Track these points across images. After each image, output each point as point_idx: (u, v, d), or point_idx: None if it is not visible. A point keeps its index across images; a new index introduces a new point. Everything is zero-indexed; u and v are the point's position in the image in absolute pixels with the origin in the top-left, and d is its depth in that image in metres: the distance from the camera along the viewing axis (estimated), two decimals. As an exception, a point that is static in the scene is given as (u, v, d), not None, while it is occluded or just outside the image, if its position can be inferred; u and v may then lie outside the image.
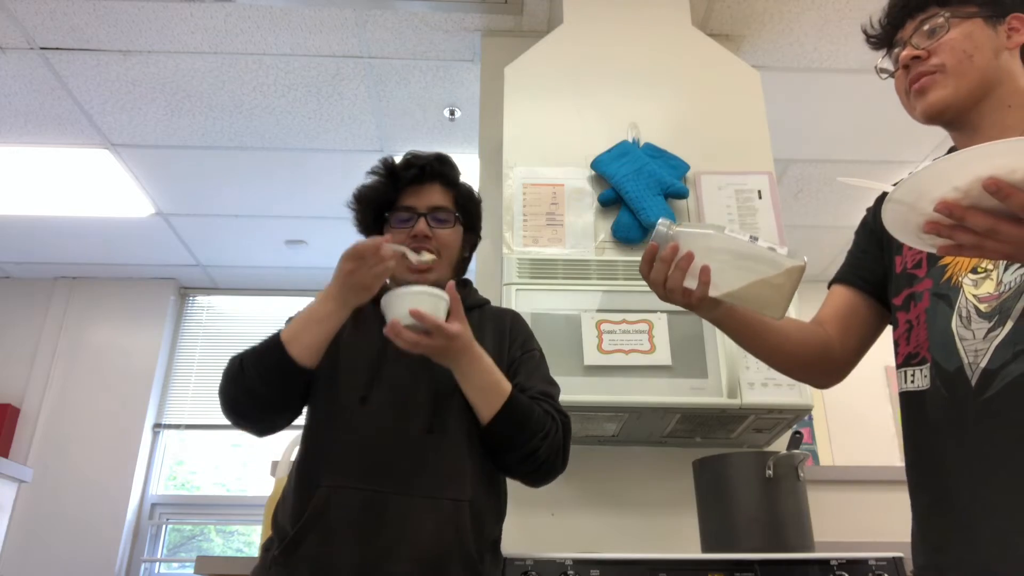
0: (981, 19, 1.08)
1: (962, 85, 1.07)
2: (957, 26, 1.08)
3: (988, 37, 1.08)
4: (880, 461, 3.86)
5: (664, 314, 1.86)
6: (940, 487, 1.04)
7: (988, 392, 0.97)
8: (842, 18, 2.69)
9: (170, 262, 4.36)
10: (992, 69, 1.07)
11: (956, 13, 1.09)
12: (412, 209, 1.38)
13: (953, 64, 1.07)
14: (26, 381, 4.20)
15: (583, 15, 2.36)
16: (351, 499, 1.18)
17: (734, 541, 1.67)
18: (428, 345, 1.19)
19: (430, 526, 1.19)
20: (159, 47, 2.82)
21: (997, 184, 0.74)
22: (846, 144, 3.34)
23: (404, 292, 1.20)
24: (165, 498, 4.23)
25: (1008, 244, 0.78)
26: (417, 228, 1.36)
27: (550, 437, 1.25)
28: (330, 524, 1.17)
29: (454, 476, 1.24)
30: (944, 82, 1.08)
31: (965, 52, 1.07)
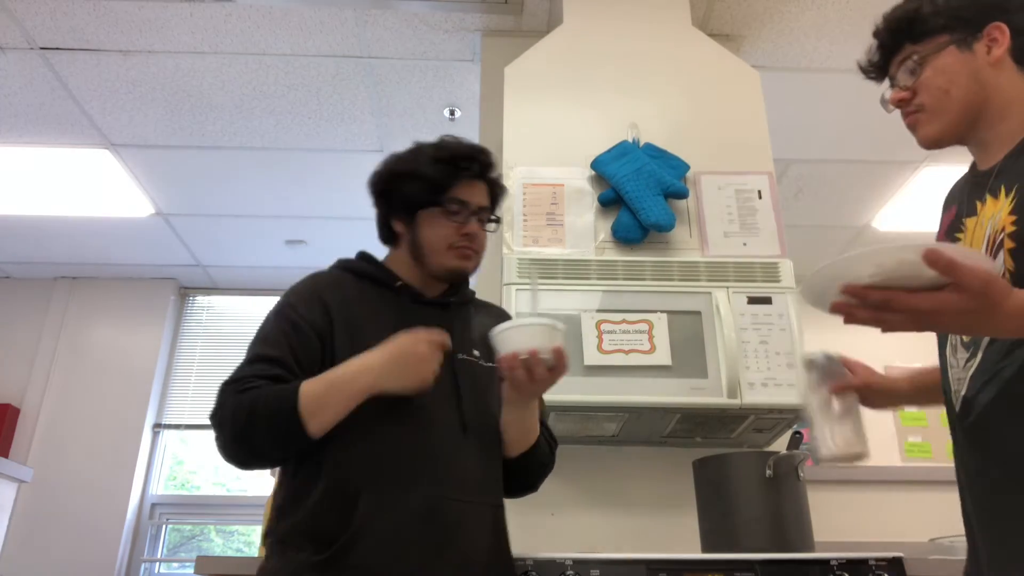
0: (953, 46, 1.09)
1: (946, 119, 1.10)
2: (930, 62, 1.10)
3: (963, 63, 1.09)
4: (880, 461, 3.86)
5: (664, 314, 1.86)
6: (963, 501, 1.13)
7: (969, 419, 1.05)
8: (842, 18, 2.69)
9: (170, 262, 4.36)
10: (973, 94, 1.08)
11: (927, 49, 1.11)
12: (465, 204, 1.35)
13: (932, 103, 1.11)
14: (26, 381, 4.20)
15: (583, 15, 2.36)
16: (400, 504, 1.15)
17: (734, 541, 1.67)
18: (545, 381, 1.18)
19: (477, 532, 1.20)
20: (159, 47, 2.82)
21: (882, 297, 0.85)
22: (846, 144, 3.34)
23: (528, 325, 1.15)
24: (165, 498, 4.22)
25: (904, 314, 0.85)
26: (470, 228, 1.35)
27: (548, 469, 1.40)
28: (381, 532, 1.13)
29: (491, 480, 1.27)
30: (929, 120, 1.12)
31: (941, 88, 1.10)
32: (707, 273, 1.93)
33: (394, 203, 1.38)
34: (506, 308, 1.84)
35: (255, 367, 1.21)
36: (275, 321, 1.27)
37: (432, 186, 1.34)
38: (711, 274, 1.92)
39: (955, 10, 1.10)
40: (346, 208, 3.80)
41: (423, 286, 1.37)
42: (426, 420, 1.21)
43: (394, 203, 1.38)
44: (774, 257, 1.97)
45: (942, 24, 1.10)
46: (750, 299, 1.90)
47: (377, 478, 1.16)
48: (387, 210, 1.39)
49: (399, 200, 1.37)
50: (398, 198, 1.37)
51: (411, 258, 1.37)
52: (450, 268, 1.35)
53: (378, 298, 1.32)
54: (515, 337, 1.15)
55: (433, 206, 1.34)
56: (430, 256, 1.34)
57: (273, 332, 1.26)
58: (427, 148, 1.38)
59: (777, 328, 1.87)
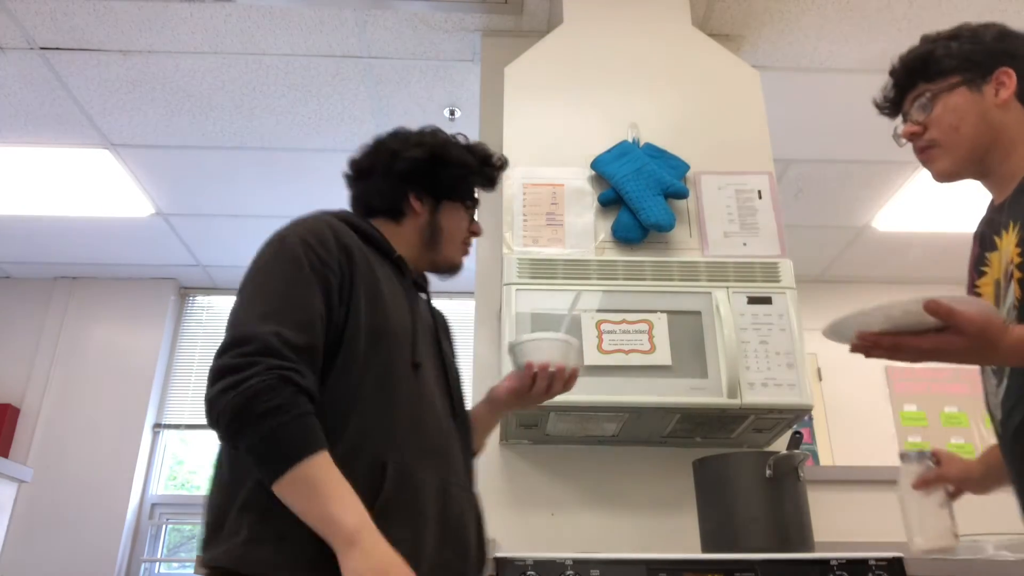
0: (964, 87, 1.18)
1: (956, 155, 1.18)
2: (942, 100, 1.19)
3: (973, 103, 1.17)
4: (880, 461, 3.86)
5: (664, 314, 1.86)
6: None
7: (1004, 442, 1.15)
8: (842, 18, 2.69)
9: (170, 262, 4.36)
10: (981, 132, 1.16)
11: (939, 88, 1.19)
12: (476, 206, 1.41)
13: (942, 139, 1.18)
14: (26, 381, 4.20)
15: (583, 15, 2.36)
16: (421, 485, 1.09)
17: (734, 541, 1.67)
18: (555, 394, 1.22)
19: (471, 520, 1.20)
20: (159, 47, 2.82)
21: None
22: (846, 144, 3.34)
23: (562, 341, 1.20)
24: (165, 498, 4.22)
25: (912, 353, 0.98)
26: (478, 227, 1.40)
27: None
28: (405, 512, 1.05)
29: (472, 467, 1.28)
30: (940, 155, 1.19)
31: (951, 125, 1.17)
32: (707, 273, 1.93)
33: (427, 181, 1.32)
34: (506, 308, 1.84)
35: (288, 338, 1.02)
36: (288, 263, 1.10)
37: (480, 184, 1.38)
38: (711, 274, 1.92)
39: (967, 54, 1.19)
40: (346, 208, 3.79)
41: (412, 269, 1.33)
42: (429, 398, 1.19)
43: (427, 181, 1.32)
44: (774, 257, 1.97)
45: (954, 66, 1.19)
46: (750, 299, 1.90)
47: (398, 450, 1.08)
48: (409, 185, 1.32)
49: (436, 181, 1.32)
50: (436, 179, 1.32)
51: (419, 240, 1.32)
52: (455, 263, 1.37)
53: (383, 266, 1.23)
54: (548, 348, 1.19)
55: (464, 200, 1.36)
56: (446, 246, 1.34)
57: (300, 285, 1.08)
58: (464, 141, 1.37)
59: (777, 328, 1.87)
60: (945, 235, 3.96)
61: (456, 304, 4.55)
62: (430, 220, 1.33)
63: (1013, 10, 2.63)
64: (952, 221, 3.84)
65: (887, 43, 2.79)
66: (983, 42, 1.21)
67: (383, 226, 1.32)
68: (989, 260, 1.18)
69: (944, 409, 4.19)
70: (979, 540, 1.65)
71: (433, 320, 1.35)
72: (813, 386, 3.84)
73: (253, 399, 0.97)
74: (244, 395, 0.97)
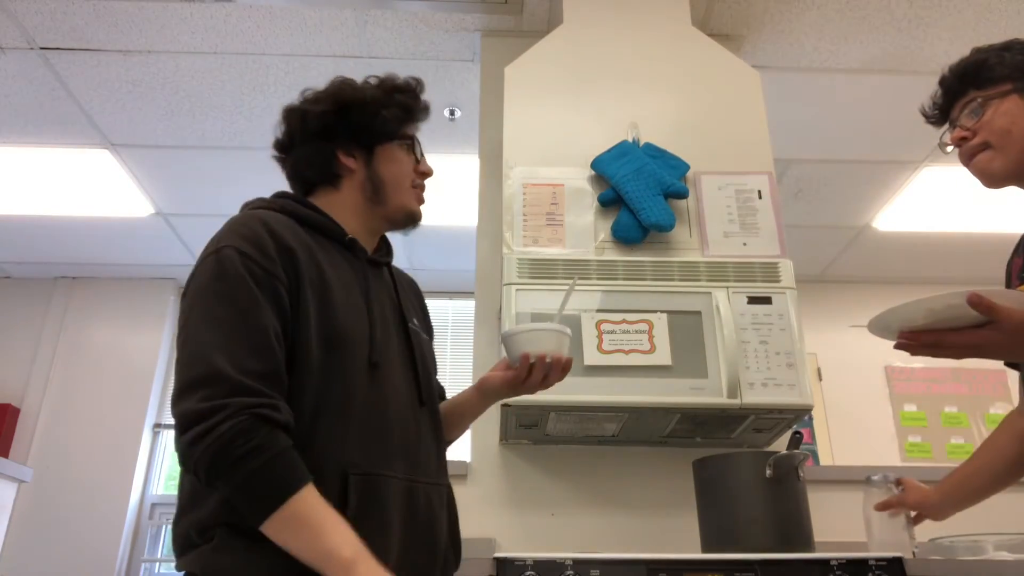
0: (1015, 94, 1.21)
1: (1008, 156, 1.21)
2: (994, 105, 1.22)
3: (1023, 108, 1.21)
4: (880, 461, 3.86)
5: (664, 314, 1.86)
6: None
7: None
8: (842, 18, 2.69)
9: (170, 262, 4.36)
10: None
11: (991, 94, 1.22)
12: (416, 143, 1.31)
13: (995, 140, 1.21)
14: (26, 381, 4.20)
15: (583, 15, 2.36)
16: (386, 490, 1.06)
17: (734, 541, 1.67)
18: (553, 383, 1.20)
19: (439, 514, 1.17)
20: (159, 47, 2.82)
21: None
22: (846, 144, 3.34)
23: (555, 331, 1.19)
24: (165, 498, 4.23)
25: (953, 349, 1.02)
26: (425, 166, 1.30)
27: None
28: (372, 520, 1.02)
29: (443, 460, 1.25)
30: (992, 157, 1.22)
31: (1003, 128, 1.21)
32: (707, 273, 1.93)
33: (348, 134, 1.23)
34: (506, 309, 1.84)
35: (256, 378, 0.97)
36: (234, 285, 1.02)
37: (402, 117, 1.25)
38: (711, 274, 1.92)
39: (1020, 63, 1.22)
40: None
41: (363, 241, 1.23)
42: (392, 392, 1.12)
43: (348, 134, 1.23)
44: (774, 257, 1.97)
45: (1007, 74, 1.22)
46: (750, 299, 1.90)
47: (360, 459, 1.04)
48: (334, 143, 1.23)
49: (358, 131, 1.23)
50: (356, 129, 1.23)
51: (363, 199, 1.24)
52: (410, 209, 1.26)
53: (327, 249, 1.15)
54: (543, 339, 1.18)
55: (397, 139, 1.26)
56: (393, 194, 1.24)
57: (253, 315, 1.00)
58: (371, 80, 1.29)
59: (777, 328, 1.87)
60: (945, 235, 3.97)
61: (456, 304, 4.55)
62: (368, 173, 1.24)
63: (1013, 10, 2.63)
64: (952, 221, 3.84)
65: (887, 43, 2.79)
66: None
67: (325, 198, 1.24)
68: None
69: (944, 409, 4.19)
70: (979, 540, 1.65)
71: (396, 293, 1.25)
72: (813, 386, 3.84)
73: (228, 445, 0.92)
74: (219, 442, 0.92)
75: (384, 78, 1.29)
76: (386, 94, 1.27)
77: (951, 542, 1.69)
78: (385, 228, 1.29)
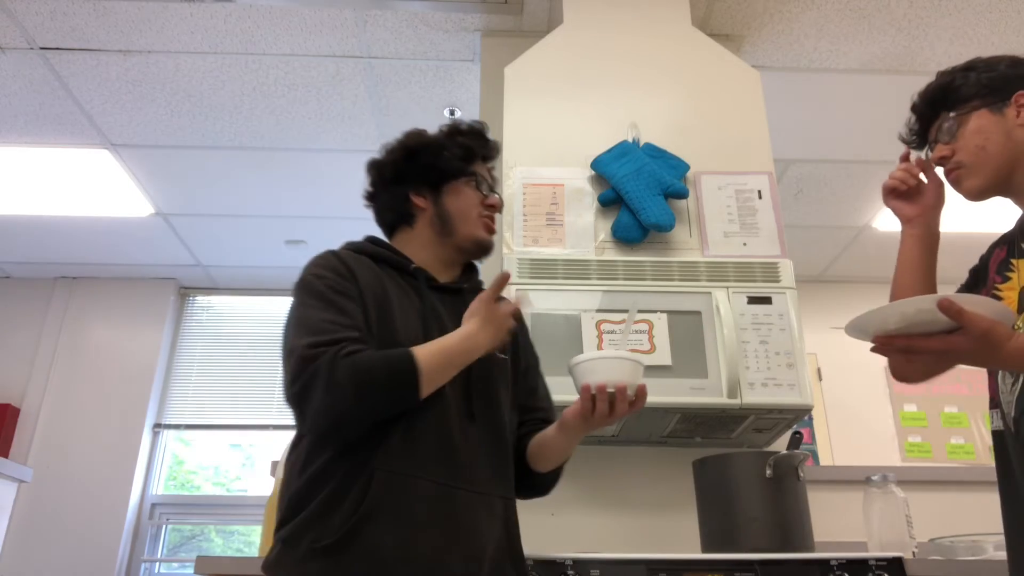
0: (985, 109, 1.24)
1: (985, 173, 1.24)
2: (966, 123, 1.25)
3: (995, 123, 1.23)
4: (880, 461, 3.86)
5: (664, 314, 1.86)
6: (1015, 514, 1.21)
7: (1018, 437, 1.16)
8: (842, 18, 2.69)
9: (170, 262, 4.36)
10: (1008, 149, 1.22)
11: (962, 111, 1.25)
12: (484, 179, 1.41)
13: (970, 159, 1.24)
14: (26, 381, 4.20)
15: (583, 15, 2.36)
16: (415, 489, 1.13)
17: (734, 541, 1.67)
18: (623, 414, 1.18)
19: (486, 523, 1.18)
20: (159, 47, 2.82)
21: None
22: (846, 144, 3.34)
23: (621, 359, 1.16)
24: (165, 498, 4.23)
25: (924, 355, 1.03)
26: (494, 198, 1.40)
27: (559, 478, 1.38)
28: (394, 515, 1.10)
29: (500, 472, 1.26)
30: (969, 174, 1.25)
31: (977, 146, 1.23)
32: (707, 273, 1.93)
33: (417, 176, 1.38)
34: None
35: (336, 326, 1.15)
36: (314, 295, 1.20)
37: (464, 156, 1.38)
38: (711, 274, 1.92)
39: (986, 80, 1.25)
40: (346, 208, 3.80)
41: (436, 270, 1.36)
42: (437, 405, 1.19)
43: (417, 176, 1.38)
44: (774, 257, 1.97)
45: (974, 92, 1.25)
46: (750, 299, 1.90)
47: (390, 460, 1.13)
48: (406, 186, 1.38)
49: (425, 172, 1.37)
50: (423, 170, 1.37)
51: (434, 233, 1.36)
52: (478, 239, 1.37)
53: (394, 281, 1.30)
54: (605, 368, 1.15)
55: (462, 176, 1.38)
56: (460, 226, 1.36)
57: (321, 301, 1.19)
58: (442, 128, 1.43)
59: (777, 328, 1.87)
60: (945, 235, 3.96)
61: (456, 304, 4.56)
62: (436, 210, 1.36)
63: (1013, 10, 2.63)
64: (952, 221, 3.84)
65: (887, 43, 2.79)
66: (998, 69, 1.26)
67: (402, 236, 1.39)
68: (1015, 266, 1.24)
69: (944, 409, 4.19)
70: (979, 540, 1.65)
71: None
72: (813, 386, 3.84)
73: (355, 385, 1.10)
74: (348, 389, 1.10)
75: (451, 123, 1.44)
76: (449, 137, 1.41)
77: (951, 542, 1.69)
78: (459, 258, 1.40)
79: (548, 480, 1.36)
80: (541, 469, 1.33)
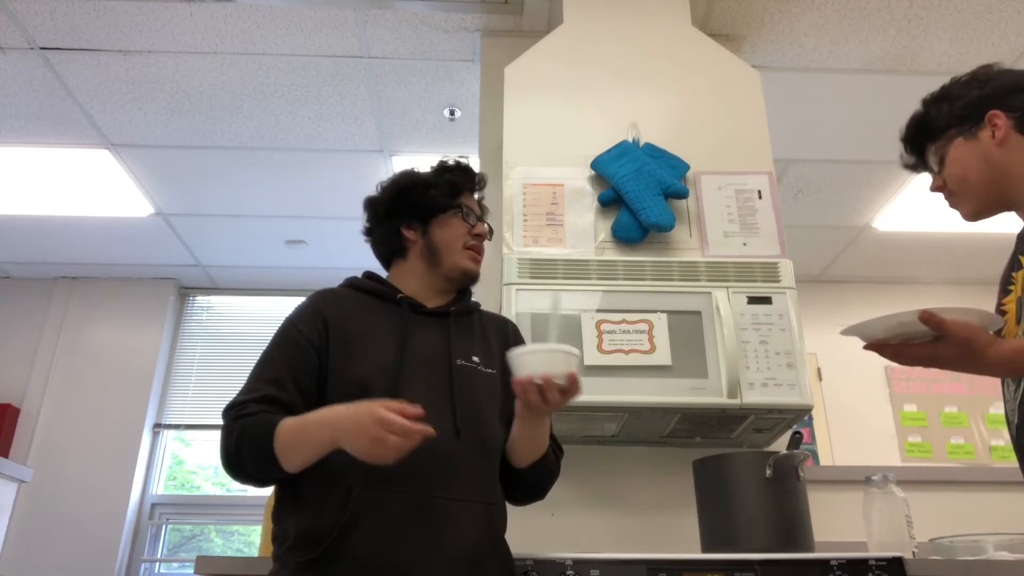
0: (960, 138, 1.28)
1: (973, 199, 1.29)
2: (946, 154, 1.30)
3: (971, 150, 1.27)
4: (880, 461, 3.86)
5: (664, 314, 1.86)
6: None
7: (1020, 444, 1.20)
8: (842, 18, 2.69)
9: (170, 262, 4.36)
10: (988, 173, 1.25)
11: (940, 144, 1.31)
12: (471, 210, 1.49)
13: (956, 189, 1.30)
14: (26, 381, 4.20)
15: (583, 15, 2.36)
16: (393, 501, 1.19)
17: (734, 541, 1.67)
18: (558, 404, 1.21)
19: (467, 528, 1.23)
20: (159, 47, 2.82)
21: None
22: (846, 144, 3.34)
23: (545, 351, 1.19)
24: (165, 498, 4.23)
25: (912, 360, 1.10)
26: (482, 229, 1.48)
27: (555, 479, 1.43)
28: (373, 527, 1.17)
29: (484, 480, 1.30)
30: (960, 202, 1.32)
31: (959, 175, 1.29)
32: (707, 273, 1.93)
33: (407, 212, 1.46)
34: (505, 309, 1.84)
35: (253, 392, 1.27)
36: (278, 339, 1.35)
37: (449, 191, 1.47)
38: (711, 274, 1.92)
39: (957, 109, 1.29)
40: (346, 208, 3.80)
41: (427, 298, 1.43)
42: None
43: (407, 212, 1.46)
44: (774, 257, 1.97)
45: (947, 123, 1.29)
46: (750, 299, 1.90)
47: (371, 477, 1.19)
48: (397, 221, 1.47)
49: (413, 207, 1.46)
50: (412, 206, 1.46)
51: (424, 263, 1.45)
52: (463, 268, 1.45)
53: (379, 311, 1.38)
54: (530, 362, 1.18)
55: (448, 210, 1.45)
56: (447, 256, 1.44)
57: (274, 352, 1.33)
58: (432, 167, 1.52)
59: (777, 328, 1.87)
60: (945, 235, 3.97)
61: (456, 304, 4.56)
62: (425, 241, 1.45)
63: (1013, 10, 2.63)
64: (952, 222, 3.84)
65: (887, 43, 2.79)
66: (967, 96, 1.29)
67: (397, 267, 1.49)
68: (1015, 279, 1.26)
69: (944, 409, 4.19)
70: (979, 540, 1.65)
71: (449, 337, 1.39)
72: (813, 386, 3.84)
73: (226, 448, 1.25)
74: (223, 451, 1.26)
75: (439, 162, 1.53)
76: (436, 174, 1.49)
77: (951, 542, 1.69)
78: (448, 286, 1.47)
79: (532, 479, 1.39)
80: (518, 464, 1.37)
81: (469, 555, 1.21)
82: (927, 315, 1.03)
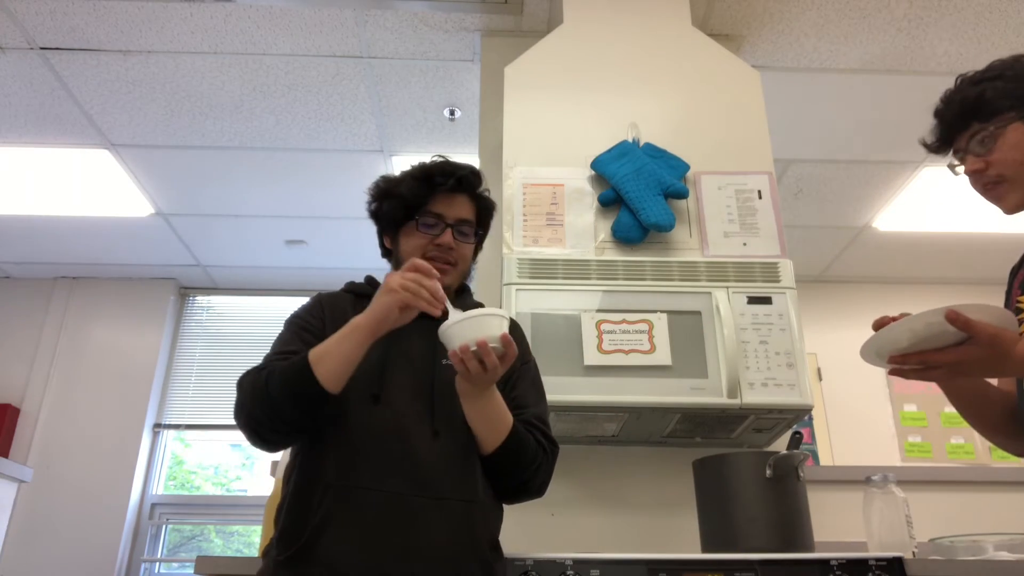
0: (1019, 121, 1.20)
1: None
2: (1001, 136, 1.21)
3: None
4: (880, 461, 3.86)
5: (664, 314, 1.86)
6: None
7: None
8: (842, 18, 2.69)
9: (170, 262, 4.36)
10: None
11: (997, 124, 1.21)
12: (441, 217, 1.42)
13: (1011, 174, 1.22)
14: (26, 381, 4.20)
15: (583, 15, 2.36)
16: (366, 500, 1.20)
17: (734, 541, 1.67)
18: (496, 369, 1.19)
19: (444, 527, 1.22)
20: (159, 47, 2.82)
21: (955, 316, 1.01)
22: (846, 144, 3.34)
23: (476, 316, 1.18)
24: (165, 498, 4.22)
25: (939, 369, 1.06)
26: (443, 239, 1.41)
27: (541, 469, 1.35)
28: (345, 526, 1.18)
29: (462, 478, 1.28)
30: (1010, 189, 1.23)
31: (1015, 160, 1.21)
32: (707, 273, 1.93)
33: (382, 221, 1.48)
34: (506, 308, 1.84)
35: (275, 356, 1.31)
36: (286, 329, 1.39)
37: (407, 203, 1.42)
38: (711, 274, 1.92)
39: (1018, 91, 1.22)
40: (346, 208, 3.80)
41: None
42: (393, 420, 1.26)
43: (382, 221, 1.48)
44: (774, 257, 1.97)
45: (1008, 104, 1.21)
46: (750, 299, 1.90)
47: (346, 476, 1.21)
48: (378, 228, 1.50)
49: (384, 218, 1.47)
50: (384, 216, 1.47)
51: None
52: None
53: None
54: (461, 329, 1.18)
55: (407, 222, 1.43)
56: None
57: (285, 335, 1.38)
58: (412, 168, 1.48)
59: (777, 328, 1.87)
60: (945, 235, 3.97)
61: (456, 304, 4.55)
62: (395, 251, 1.47)
63: (1013, 10, 2.63)
64: (952, 221, 3.84)
65: (887, 43, 2.79)
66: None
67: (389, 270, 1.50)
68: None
69: (944, 409, 4.19)
70: (979, 540, 1.65)
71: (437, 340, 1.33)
72: (813, 386, 3.84)
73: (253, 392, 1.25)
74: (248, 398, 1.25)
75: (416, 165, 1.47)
76: (404, 180, 1.45)
77: (951, 542, 1.69)
78: None
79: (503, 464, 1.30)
80: (485, 452, 1.30)
81: (444, 553, 1.20)
82: (953, 314, 0.99)
